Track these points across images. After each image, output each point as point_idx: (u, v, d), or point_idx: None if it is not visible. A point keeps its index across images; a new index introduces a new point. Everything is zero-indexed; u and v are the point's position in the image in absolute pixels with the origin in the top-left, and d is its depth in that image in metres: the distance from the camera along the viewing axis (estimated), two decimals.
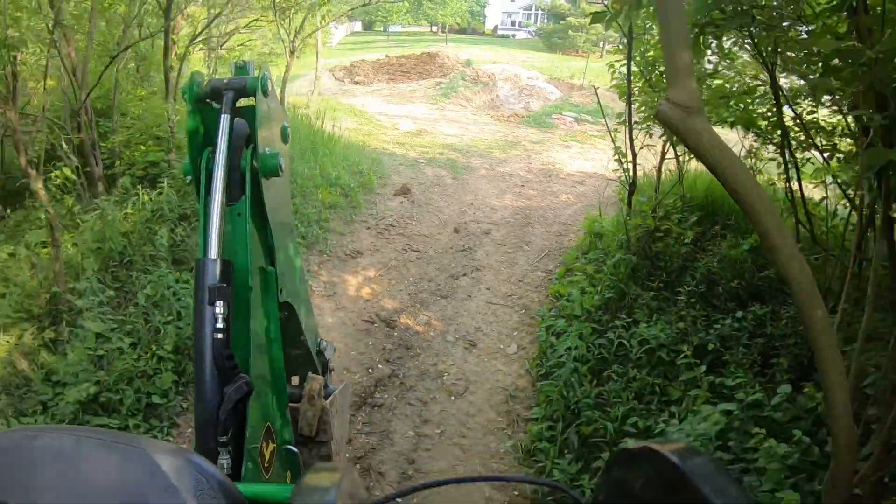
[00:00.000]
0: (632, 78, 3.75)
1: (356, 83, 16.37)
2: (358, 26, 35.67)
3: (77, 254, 3.61)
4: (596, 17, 2.89)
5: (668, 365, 2.92)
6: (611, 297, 3.59)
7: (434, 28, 35.68)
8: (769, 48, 2.44)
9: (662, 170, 4.39)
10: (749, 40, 2.43)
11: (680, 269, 3.54)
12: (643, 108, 3.98)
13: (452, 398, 3.26)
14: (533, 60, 19.54)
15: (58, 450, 0.50)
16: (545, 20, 33.48)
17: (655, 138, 4.06)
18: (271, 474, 1.09)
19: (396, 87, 15.91)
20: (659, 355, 2.97)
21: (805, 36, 2.07)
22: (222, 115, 1.01)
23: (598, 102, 4.47)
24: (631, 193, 4.08)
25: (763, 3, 2.07)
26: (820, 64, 1.84)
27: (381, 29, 33.42)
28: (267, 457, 1.07)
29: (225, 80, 1.04)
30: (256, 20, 6.71)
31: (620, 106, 4.41)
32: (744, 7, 2.04)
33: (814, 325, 1.27)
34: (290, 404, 1.35)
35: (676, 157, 4.12)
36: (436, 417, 3.11)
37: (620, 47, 4.01)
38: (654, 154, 4.27)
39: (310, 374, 1.48)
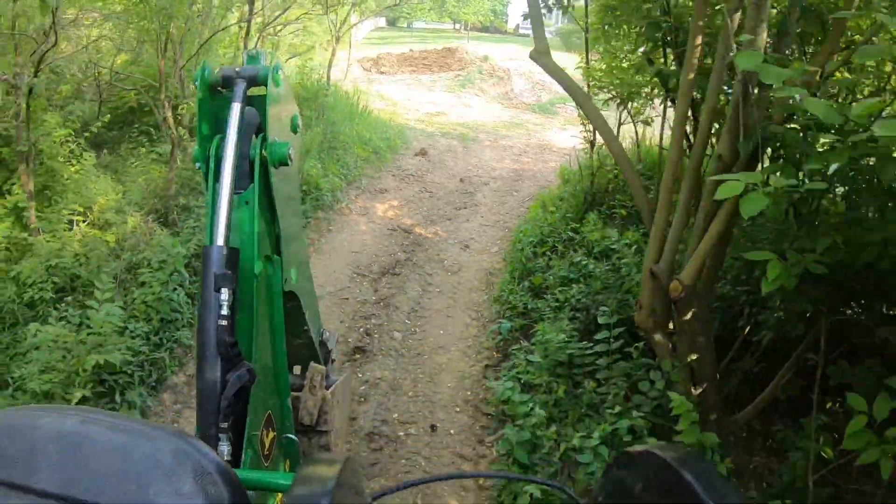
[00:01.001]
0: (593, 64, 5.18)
1: (382, 73, 17.93)
2: (382, 22, 37.33)
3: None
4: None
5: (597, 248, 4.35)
6: (568, 214, 5.04)
7: (457, 26, 37.10)
8: None
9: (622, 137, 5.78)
10: None
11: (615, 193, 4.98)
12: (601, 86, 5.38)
13: (449, 274, 4.75)
14: None
15: (60, 430, 0.51)
16: (565, 21, 34.69)
17: (614, 108, 5.45)
18: (271, 462, 1.09)
19: (418, 78, 17.44)
20: (593, 246, 4.39)
21: None
22: (233, 104, 1.03)
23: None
24: (592, 146, 5.51)
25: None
26: None
27: (406, 25, 34.99)
28: (267, 445, 1.07)
29: (237, 69, 1.07)
30: (306, 13, 8.27)
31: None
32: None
33: (634, 184, 2.70)
34: (292, 393, 1.36)
35: (636, 130, 5.49)
36: (436, 282, 4.60)
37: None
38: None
39: (312, 363, 1.50)
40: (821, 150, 1.64)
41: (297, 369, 1.53)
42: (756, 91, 1.83)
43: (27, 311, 3.40)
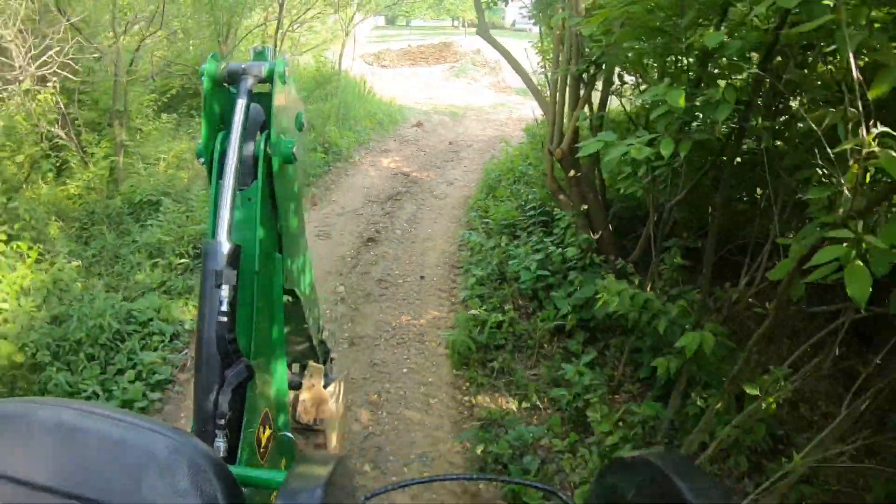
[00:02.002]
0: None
1: (383, 67, 19.61)
2: (381, 21, 39.03)
3: None
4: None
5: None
6: (529, 160, 6.65)
7: (455, 23, 38.72)
8: None
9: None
10: None
11: None
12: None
13: (437, 199, 6.40)
14: None
15: (57, 423, 0.51)
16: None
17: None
18: (267, 460, 1.10)
19: (416, 70, 19.10)
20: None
21: None
22: (238, 100, 1.03)
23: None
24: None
25: None
26: None
27: (404, 23, 36.64)
28: (263, 442, 1.08)
29: (243, 65, 1.06)
30: (320, 13, 9.93)
31: None
32: None
33: (535, 94, 4.34)
34: (290, 391, 1.36)
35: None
36: (427, 204, 6.24)
37: None
38: None
39: (310, 362, 1.55)
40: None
41: (295, 368, 1.56)
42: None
43: (131, 218, 4.97)
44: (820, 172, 1.88)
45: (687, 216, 3.33)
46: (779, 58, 2.07)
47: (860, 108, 1.33)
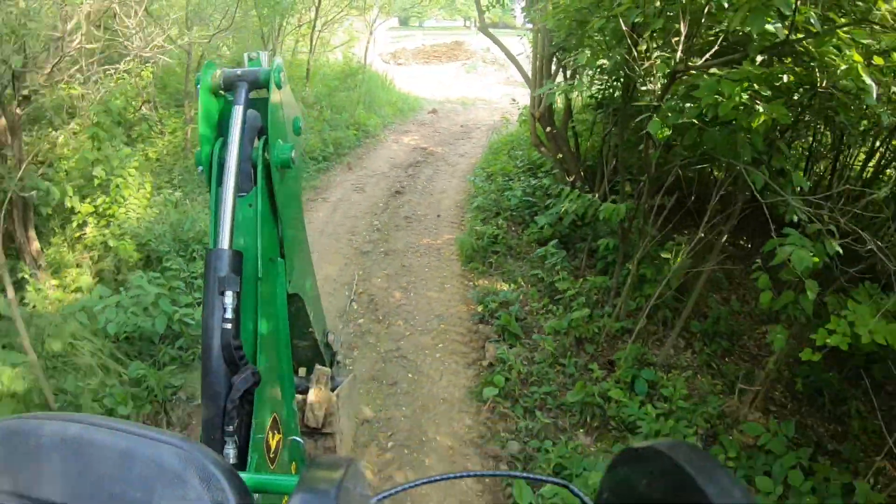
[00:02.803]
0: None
1: (399, 65, 21.11)
2: (395, 22, 40.62)
3: None
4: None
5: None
6: (525, 136, 8.02)
7: (467, 23, 40.11)
8: None
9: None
10: None
11: None
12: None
13: (450, 167, 7.80)
14: None
15: (64, 437, 0.51)
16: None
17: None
18: (277, 465, 1.11)
19: (430, 68, 20.57)
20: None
21: None
22: (235, 107, 1.04)
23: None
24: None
25: None
26: None
27: (417, 24, 38.14)
28: (273, 447, 1.09)
29: (238, 72, 1.08)
30: (347, 15, 11.41)
31: None
32: None
33: (520, 70, 5.73)
34: (297, 395, 1.39)
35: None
36: (441, 170, 7.64)
37: None
38: None
39: (317, 365, 1.56)
40: None
41: (302, 372, 1.61)
42: None
43: None
44: None
45: (625, 156, 4.68)
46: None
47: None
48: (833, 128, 3.12)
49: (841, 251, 2.16)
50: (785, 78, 2.29)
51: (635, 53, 2.62)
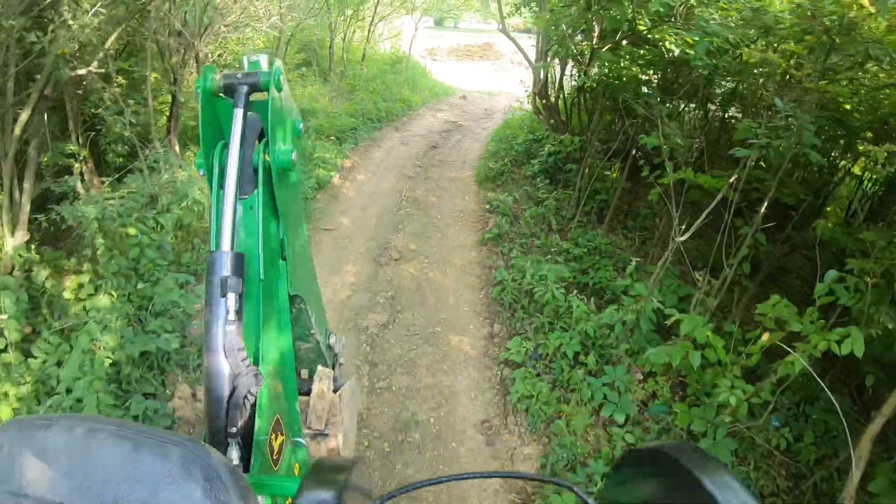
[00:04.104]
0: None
1: (434, 61, 23.59)
2: (430, 22, 43.28)
3: None
4: None
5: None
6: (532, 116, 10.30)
7: (499, 26, 42.37)
8: None
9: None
10: None
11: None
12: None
13: (474, 135, 10.14)
14: None
15: (70, 438, 0.53)
16: None
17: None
18: (280, 467, 1.13)
19: (462, 65, 23.01)
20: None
21: None
22: (235, 110, 1.07)
23: (514, 41, 11.22)
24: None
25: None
26: None
27: (452, 25, 40.66)
28: (276, 449, 1.11)
29: (238, 75, 1.10)
30: (394, 12, 13.88)
31: None
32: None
33: (523, 53, 8.05)
34: (300, 397, 1.42)
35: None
36: (468, 136, 9.99)
37: None
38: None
39: (319, 367, 1.59)
40: None
41: (304, 374, 1.64)
42: None
43: None
44: None
45: (611, 118, 6.91)
46: None
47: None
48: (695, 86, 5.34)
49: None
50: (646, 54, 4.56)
51: (575, 44, 4.91)
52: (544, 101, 7.47)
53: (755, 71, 3.97)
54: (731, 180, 3.19)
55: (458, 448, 3.27)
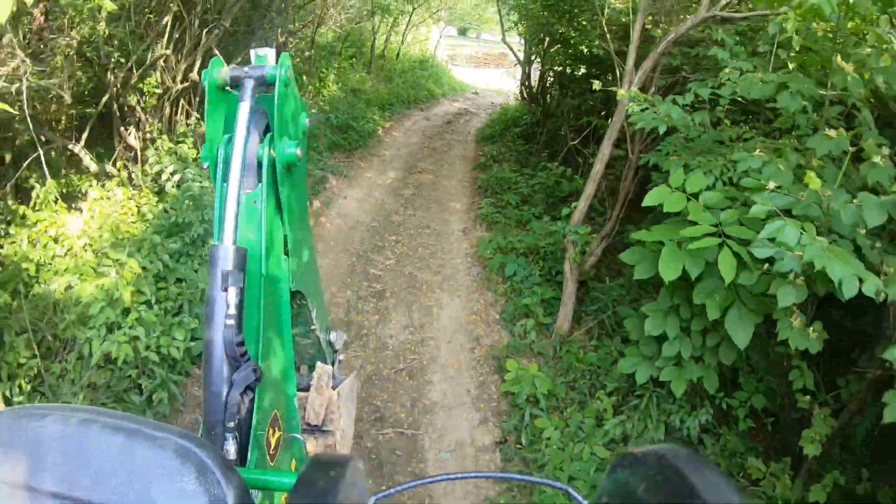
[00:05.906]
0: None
1: (454, 65, 27.13)
2: (453, 31, 46.99)
3: None
4: None
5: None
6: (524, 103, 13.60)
7: (501, 37, 45.81)
8: None
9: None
10: None
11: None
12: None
13: (480, 118, 13.52)
14: None
15: (65, 429, 0.54)
16: None
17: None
18: (276, 462, 1.15)
19: (479, 70, 26.51)
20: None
21: None
22: (241, 103, 1.09)
23: (510, 45, 14.57)
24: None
25: None
26: None
27: (474, 35, 44.27)
28: (273, 444, 1.14)
29: (245, 69, 1.12)
30: (423, 22, 17.35)
31: None
32: None
33: (519, 62, 11.41)
34: (299, 393, 1.44)
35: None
36: (475, 118, 13.37)
37: None
38: None
39: (318, 363, 1.62)
40: None
41: (303, 369, 1.68)
42: None
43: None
44: None
45: (577, 103, 10.13)
46: None
47: None
48: None
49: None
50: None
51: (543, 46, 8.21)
52: (529, 91, 10.77)
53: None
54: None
55: (449, 247, 6.54)
